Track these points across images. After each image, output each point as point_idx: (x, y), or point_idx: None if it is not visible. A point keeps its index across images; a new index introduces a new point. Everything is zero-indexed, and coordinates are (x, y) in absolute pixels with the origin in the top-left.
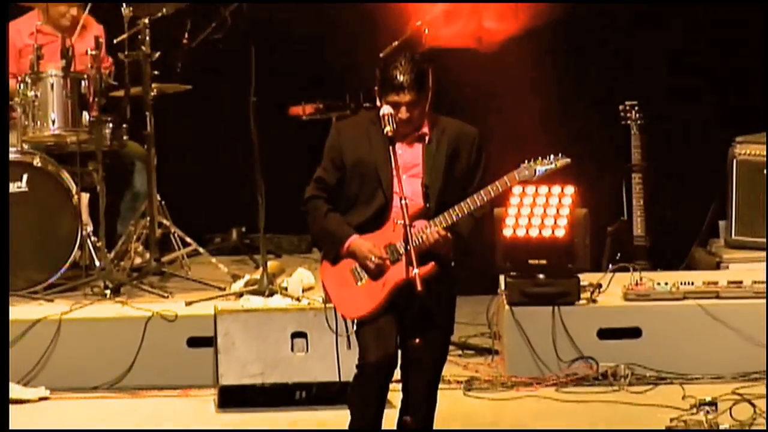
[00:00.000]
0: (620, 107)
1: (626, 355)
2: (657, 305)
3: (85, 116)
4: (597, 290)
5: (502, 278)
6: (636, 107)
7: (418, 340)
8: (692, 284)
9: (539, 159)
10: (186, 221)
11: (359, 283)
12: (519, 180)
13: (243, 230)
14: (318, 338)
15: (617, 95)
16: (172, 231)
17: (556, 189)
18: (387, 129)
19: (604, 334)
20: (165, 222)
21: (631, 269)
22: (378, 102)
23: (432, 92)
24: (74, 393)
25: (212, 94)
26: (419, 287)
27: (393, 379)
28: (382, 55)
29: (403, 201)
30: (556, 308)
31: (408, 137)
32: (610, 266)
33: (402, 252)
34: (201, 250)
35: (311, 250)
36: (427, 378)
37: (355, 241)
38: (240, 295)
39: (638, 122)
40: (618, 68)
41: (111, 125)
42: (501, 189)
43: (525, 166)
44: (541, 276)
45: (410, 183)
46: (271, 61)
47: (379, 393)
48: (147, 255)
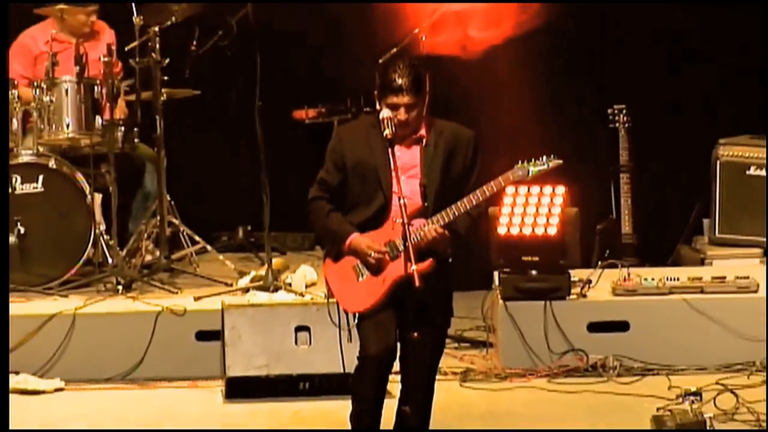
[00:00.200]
0: (609, 111)
1: (615, 348)
2: (644, 300)
3: (98, 120)
4: (587, 286)
5: (497, 274)
6: (624, 111)
7: (417, 334)
8: (678, 280)
9: (532, 160)
10: (194, 220)
11: (360, 279)
12: (513, 180)
13: (249, 229)
14: (320, 332)
15: (606, 99)
16: (181, 230)
17: (548, 189)
18: (386, 132)
19: (594, 328)
20: (174, 221)
21: (620, 265)
22: (378, 106)
23: (429, 96)
24: (88, 384)
25: (219, 99)
26: (417, 282)
27: (392, 371)
28: (381, 61)
29: (402, 200)
30: (548, 303)
31: (406, 139)
32: (600, 263)
33: (401, 249)
34: (209, 248)
35: (314, 248)
36: (425, 369)
37: (357, 239)
38: (246, 291)
39: (626, 125)
40: (607, 73)
41: (123, 129)
42: (496, 189)
43: (519, 167)
44: (534, 272)
45: (409, 183)
46: (276, 67)
47: (379, 384)
48: (157, 252)
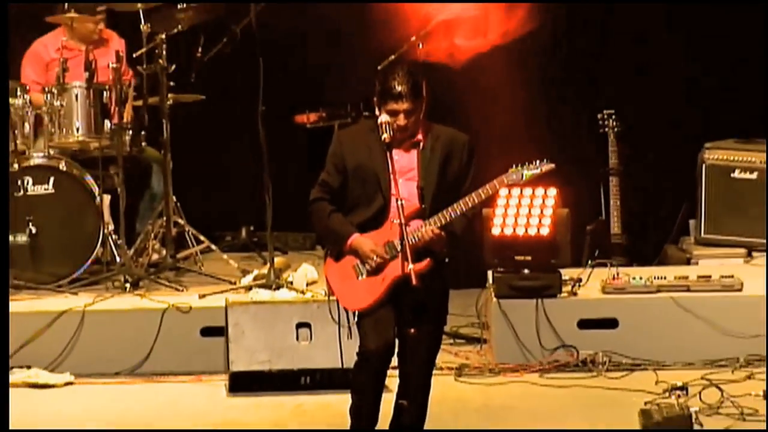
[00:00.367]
0: (598, 116)
1: (604, 344)
2: (632, 298)
3: (107, 124)
4: (577, 284)
5: (490, 273)
6: (613, 116)
7: (414, 330)
8: (665, 278)
9: (526, 164)
10: (199, 220)
11: (360, 278)
12: (507, 183)
13: (252, 229)
14: (321, 328)
15: (596, 105)
16: (187, 229)
17: (540, 191)
18: (384, 136)
19: (584, 325)
20: (180, 221)
21: (609, 265)
22: (377, 111)
23: (427, 102)
24: (97, 378)
25: (224, 104)
26: (414, 281)
27: (390, 366)
28: (380, 68)
29: (399, 202)
30: (540, 300)
31: (404, 143)
32: (590, 262)
33: (399, 249)
34: (213, 247)
35: (315, 247)
36: (422, 365)
37: (357, 239)
38: (249, 289)
39: (615, 129)
40: (596, 80)
41: (130, 132)
42: (491, 191)
43: (513, 171)
44: (526, 271)
45: (407, 186)
46: (278, 73)
47: (378, 378)
48: (163, 252)
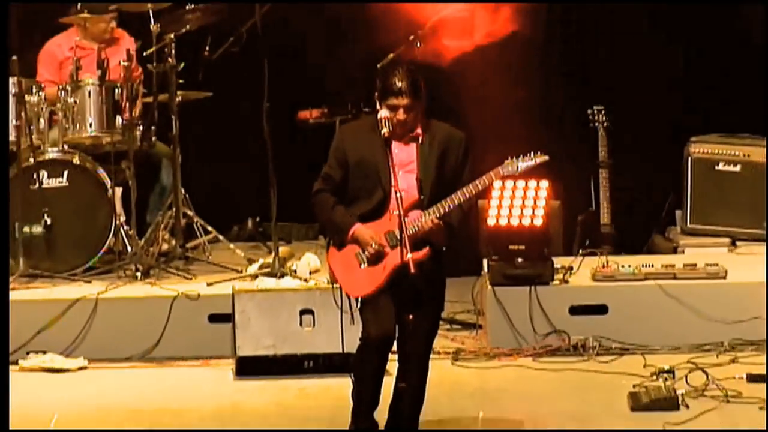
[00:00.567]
0: (589, 111)
1: (594, 329)
2: (621, 285)
3: (119, 120)
4: (568, 272)
5: (486, 262)
6: (603, 111)
7: (413, 317)
8: (652, 267)
9: (520, 156)
10: (207, 212)
11: (362, 266)
12: (503, 175)
13: (257, 220)
14: (323, 315)
15: (586, 101)
16: (195, 221)
17: (533, 183)
18: (384, 131)
19: (575, 311)
20: (189, 213)
21: (599, 253)
22: (378, 106)
23: (425, 98)
24: (109, 363)
25: (230, 101)
26: (413, 270)
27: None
28: (380, 66)
29: (398, 194)
30: (533, 288)
31: (404, 138)
32: (580, 251)
33: (399, 239)
34: (220, 238)
35: (317, 237)
36: (420, 349)
37: (359, 229)
38: (255, 277)
39: (604, 124)
40: (587, 77)
41: (141, 128)
42: (487, 183)
43: (508, 162)
44: (520, 260)
45: (406, 178)
46: (282, 72)
47: (379, 362)
48: (173, 242)
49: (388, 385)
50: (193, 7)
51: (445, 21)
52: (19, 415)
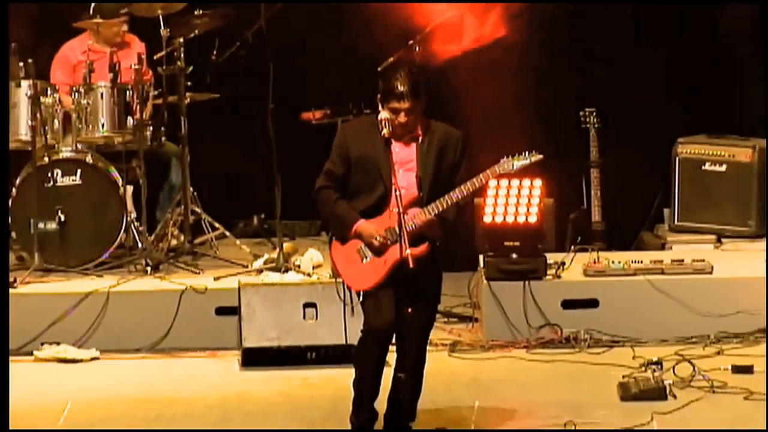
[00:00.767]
0: (581, 113)
1: (586, 322)
2: (612, 280)
3: (130, 121)
4: (561, 267)
5: (482, 257)
6: (594, 113)
7: (411, 310)
8: (641, 262)
9: (516, 155)
10: (214, 209)
11: (364, 261)
12: (499, 173)
13: (262, 217)
14: (326, 308)
15: (578, 103)
16: (203, 217)
17: (527, 182)
18: (384, 131)
19: (567, 305)
20: (197, 210)
21: (590, 250)
22: (380, 107)
23: (424, 100)
24: (120, 354)
25: (236, 102)
26: (411, 264)
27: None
28: (380, 69)
29: (398, 192)
30: (527, 282)
31: (404, 137)
32: (572, 247)
33: (398, 235)
34: (227, 234)
35: (320, 234)
36: (418, 341)
37: (361, 225)
38: (260, 272)
39: (596, 126)
40: (579, 80)
41: (151, 128)
42: (484, 180)
43: (504, 161)
44: (514, 255)
45: (406, 176)
46: (286, 74)
47: (380, 353)
48: (181, 238)
49: (387, 376)
50: (201, 13)
51: (444, 25)
52: (34, 404)
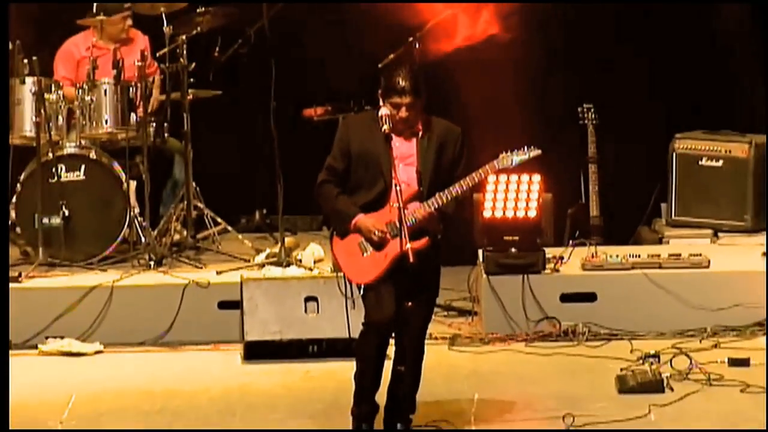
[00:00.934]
0: (579, 109)
1: (584, 316)
2: (609, 274)
3: (133, 117)
4: (559, 261)
5: (481, 252)
6: (591, 109)
7: (410, 303)
8: (639, 257)
9: (515, 150)
10: (217, 204)
11: (365, 255)
12: (499, 168)
13: (264, 212)
14: (327, 301)
15: (576, 99)
16: (206, 213)
17: (526, 177)
18: (384, 127)
19: (565, 298)
20: (199, 205)
21: (588, 244)
22: (381, 103)
23: (425, 96)
24: (124, 347)
25: (239, 99)
26: (411, 259)
27: None
28: (381, 66)
29: (398, 187)
30: (526, 276)
31: (405, 133)
32: (571, 242)
33: (399, 229)
34: (229, 229)
35: (321, 228)
36: (417, 333)
37: (362, 219)
38: (262, 266)
39: (593, 122)
40: (578, 76)
41: (154, 124)
42: (483, 175)
43: (503, 156)
44: (513, 250)
45: (406, 171)
46: (288, 72)
47: (381, 346)
48: (184, 233)
49: (387, 369)
50: (204, 10)
51: (443, 23)
52: (39, 397)
